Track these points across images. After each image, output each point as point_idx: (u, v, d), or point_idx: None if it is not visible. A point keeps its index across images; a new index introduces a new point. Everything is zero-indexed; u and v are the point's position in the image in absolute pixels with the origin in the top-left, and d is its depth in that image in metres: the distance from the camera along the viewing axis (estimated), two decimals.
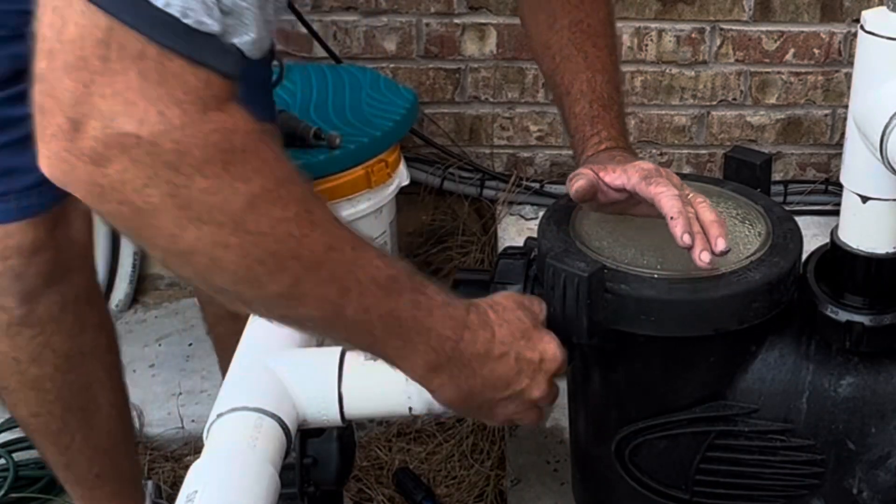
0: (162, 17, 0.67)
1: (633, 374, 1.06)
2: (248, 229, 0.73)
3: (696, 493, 1.08)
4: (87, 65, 0.67)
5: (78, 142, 0.68)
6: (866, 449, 1.04)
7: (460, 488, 1.61)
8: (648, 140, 2.24)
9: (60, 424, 1.30)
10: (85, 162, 0.68)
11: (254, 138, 0.73)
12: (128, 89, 0.67)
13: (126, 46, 0.67)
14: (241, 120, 0.73)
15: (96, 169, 0.68)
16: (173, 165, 0.69)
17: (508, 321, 0.93)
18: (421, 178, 2.16)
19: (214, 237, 0.72)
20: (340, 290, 0.80)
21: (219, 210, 0.72)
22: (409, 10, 2.13)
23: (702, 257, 0.93)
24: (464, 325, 0.89)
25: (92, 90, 0.67)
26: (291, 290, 0.78)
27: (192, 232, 0.72)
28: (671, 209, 0.95)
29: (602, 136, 1.10)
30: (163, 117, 0.68)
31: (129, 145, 0.68)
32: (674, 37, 2.15)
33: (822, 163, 2.28)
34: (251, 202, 0.73)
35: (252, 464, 0.94)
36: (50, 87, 0.68)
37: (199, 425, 1.59)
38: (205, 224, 0.72)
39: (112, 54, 0.67)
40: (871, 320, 1.00)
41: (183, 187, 0.70)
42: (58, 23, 0.67)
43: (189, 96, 0.69)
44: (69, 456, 1.33)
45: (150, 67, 0.67)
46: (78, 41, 0.67)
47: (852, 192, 1.00)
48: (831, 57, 2.17)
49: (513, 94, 2.19)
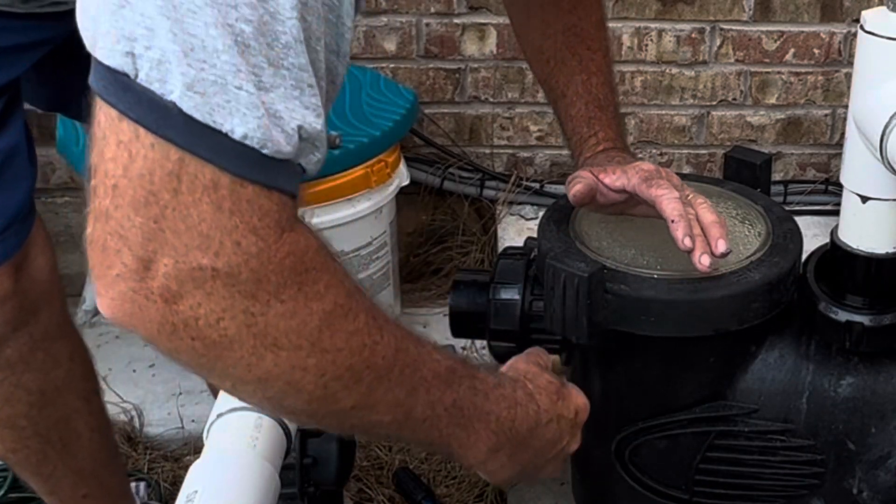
0: (239, 149, 0.64)
1: (633, 375, 1.06)
2: (325, 348, 0.71)
3: (696, 493, 1.08)
4: (158, 199, 0.64)
5: (148, 281, 0.65)
6: (866, 449, 1.04)
7: (460, 488, 1.61)
8: (648, 140, 2.24)
9: (40, 457, 1.28)
10: (155, 301, 0.65)
11: (323, 254, 0.72)
12: (201, 222, 0.64)
13: (198, 177, 0.64)
14: (311, 237, 0.71)
15: (168, 307, 0.65)
16: (251, 294, 0.67)
17: (544, 388, 0.93)
18: (421, 178, 2.16)
19: (293, 361, 0.70)
20: (409, 391, 0.79)
21: (296, 333, 0.69)
22: (409, 10, 2.12)
23: (702, 261, 0.93)
24: (515, 403, 0.89)
25: (163, 226, 0.64)
26: (365, 400, 0.76)
27: (270, 359, 0.69)
28: (672, 212, 0.95)
29: (599, 137, 1.10)
30: (239, 247, 0.65)
31: (204, 279, 0.65)
32: (674, 37, 2.15)
33: (822, 163, 2.28)
34: (326, 320, 0.71)
35: (252, 464, 0.94)
36: (117, 225, 0.64)
37: (199, 425, 1.59)
38: (282, 350, 0.69)
39: (183, 186, 0.64)
40: (871, 320, 1.00)
41: (260, 315, 0.67)
42: (124, 157, 0.64)
43: (264, 222, 0.66)
44: (52, 483, 1.31)
45: (223, 196, 0.65)
46: (147, 175, 0.64)
47: (852, 192, 1.00)
48: (831, 57, 2.17)
49: (513, 94, 2.19)
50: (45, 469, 1.30)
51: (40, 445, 1.27)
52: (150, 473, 1.66)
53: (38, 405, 1.24)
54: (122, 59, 0.63)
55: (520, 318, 1.05)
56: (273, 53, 0.64)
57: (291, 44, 0.65)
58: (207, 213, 0.64)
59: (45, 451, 1.28)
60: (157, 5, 0.62)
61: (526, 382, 0.92)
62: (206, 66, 0.63)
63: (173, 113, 0.63)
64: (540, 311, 1.03)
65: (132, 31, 0.62)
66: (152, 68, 0.63)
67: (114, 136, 0.64)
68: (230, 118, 0.64)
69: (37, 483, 1.33)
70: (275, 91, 0.65)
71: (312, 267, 0.70)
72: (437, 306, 2.06)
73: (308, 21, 0.66)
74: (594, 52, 1.14)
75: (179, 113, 0.63)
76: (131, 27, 0.62)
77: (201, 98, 0.63)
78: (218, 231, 0.65)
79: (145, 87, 0.63)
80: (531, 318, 1.05)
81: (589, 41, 1.15)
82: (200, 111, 0.63)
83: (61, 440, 1.28)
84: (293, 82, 0.66)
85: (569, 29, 1.15)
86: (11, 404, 1.22)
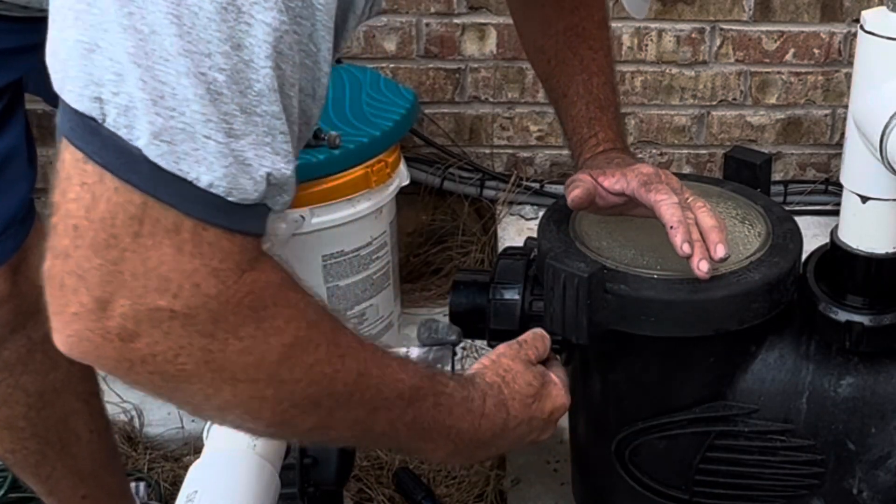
0: (204, 196, 0.65)
1: (633, 375, 1.06)
2: (283, 380, 0.72)
3: (696, 494, 1.08)
4: (118, 242, 0.64)
5: (105, 321, 0.65)
6: (866, 449, 1.04)
7: (460, 488, 1.61)
8: (648, 140, 2.24)
9: (39, 458, 1.28)
10: (112, 340, 0.65)
11: (284, 287, 0.72)
12: (161, 264, 0.65)
13: (160, 221, 0.64)
14: (273, 272, 0.71)
15: (124, 345, 0.66)
16: (208, 333, 0.67)
17: (520, 391, 0.93)
18: (421, 178, 2.16)
19: (250, 392, 0.71)
20: (369, 411, 0.80)
21: (254, 368, 0.70)
22: (409, 10, 2.12)
23: (700, 267, 0.93)
24: (481, 415, 0.90)
25: (122, 268, 0.64)
26: (324, 422, 0.78)
27: (228, 391, 0.70)
28: (670, 218, 0.95)
29: (600, 138, 1.10)
30: (198, 289, 0.66)
31: (161, 319, 0.65)
32: (674, 37, 2.15)
33: (822, 163, 2.28)
34: (285, 354, 0.72)
35: (252, 464, 0.94)
36: (75, 265, 0.64)
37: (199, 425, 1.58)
38: (240, 382, 0.70)
39: (145, 230, 0.64)
40: (870, 320, 1.00)
41: (218, 352, 0.68)
42: (87, 199, 0.64)
43: (225, 264, 0.67)
44: (51, 484, 1.31)
45: (185, 240, 0.65)
46: (109, 219, 0.64)
47: (852, 192, 1.00)
48: (831, 57, 2.17)
49: (513, 94, 2.19)
50: (43, 470, 1.30)
51: (39, 446, 1.27)
52: (150, 473, 1.66)
53: (36, 406, 1.23)
54: (90, 103, 0.63)
55: (520, 319, 1.05)
56: (246, 101, 0.65)
57: (265, 92, 0.65)
58: (168, 256, 0.65)
59: (43, 452, 1.28)
60: (127, 52, 0.62)
61: (501, 387, 0.93)
62: (175, 114, 0.63)
63: (139, 159, 0.63)
64: (540, 311, 1.03)
65: (101, 76, 0.63)
66: (120, 114, 0.63)
67: (78, 178, 0.64)
68: (196, 166, 0.64)
69: (36, 484, 1.32)
70: (246, 138, 0.65)
71: (273, 303, 0.71)
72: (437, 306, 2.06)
73: (283, 69, 0.67)
74: (596, 52, 1.14)
75: (145, 160, 0.63)
76: (100, 72, 0.63)
77: (168, 146, 0.63)
78: (177, 274, 0.65)
79: (112, 132, 0.63)
80: (531, 319, 1.05)
81: (591, 41, 1.14)
82: (166, 159, 0.63)
83: (60, 441, 1.28)
84: (265, 129, 0.66)
85: (570, 28, 1.14)
86: (10, 405, 1.22)
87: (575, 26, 1.14)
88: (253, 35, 0.64)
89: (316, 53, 0.70)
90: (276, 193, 0.69)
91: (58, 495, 1.34)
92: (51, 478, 1.31)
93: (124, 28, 0.62)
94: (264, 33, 0.64)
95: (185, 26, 0.62)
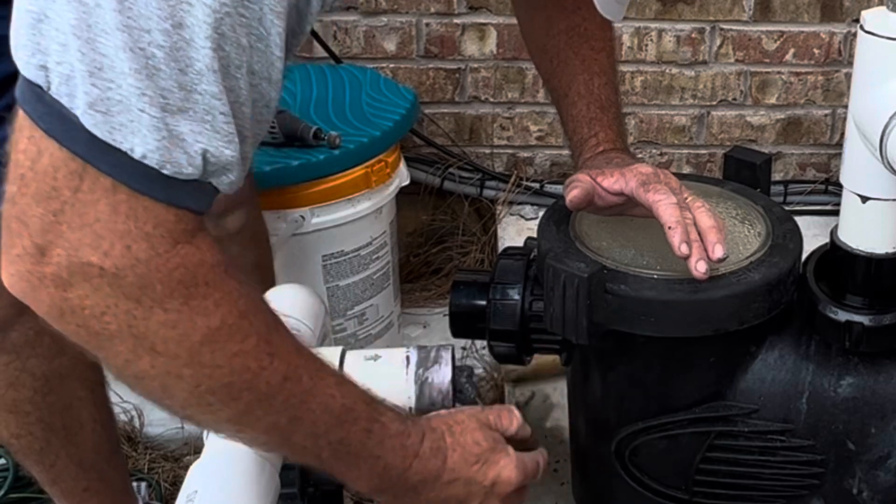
0: (138, 167, 0.67)
1: (633, 375, 1.06)
2: (203, 362, 0.73)
3: (696, 494, 1.08)
4: (59, 194, 0.67)
5: (42, 266, 0.68)
6: (866, 449, 1.04)
7: None
8: (648, 140, 2.24)
9: (43, 444, 1.29)
10: (47, 285, 0.69)
11: (219, 271, 0.73)
12: (96, 221, 0.68)
13: (100, 180, 0.67)
14: (209, 252, 0.73)
15: (57, 292, 0.69)
16: (134, 297, 0.69)
17: (463, 445, 0.91)
18: (421, 178, 2.16)
19: (168, 367, 0.73)
20: (291, 419, 0.80)
21: (175, 343, 0.72)
22: (409, 10, 2.13)
23: (698, 267, 0.93)
24: (414, 455, 0.88)
25: (60, 220, 0.67)
26: (241, 418, 0.78)
27: (147, 360, 0.72)
28: (669, 218, 0.95)
29: (600, 138, 1.10)
30: (129, 251, 0.68)
31: (91, 274, 0.68)
32: (674, 37, 2.15)
33: (822, 163, 2.28)
34: (209, 336, 0.73)
35: (252, 464, 0.94)
36: (20, 211, 0.68)
37: None
38: (160, 355, 0.72)
39: (84, 186, 0.67)
40: (870, 320, 1.00)
41: (142, 319, 0.70)
42: (33, 151, 0.68)
43: (159, 230, 0.69)
44: (54, 473, 1.32)
45: (121, 200, 0.68)
46: (51, 172, 0.67)
47: (852, 192, 1.00)
48: (831, 57, 2.17)
49: (513, 94, 2.19)
50: (48, 457, 1.31)
51: (44, 433, 1.28)
52: (150, 473, 1.66)
53: (42, 391, 1.25)
54: (36, 71, 0.67)
55: (520, 319, 1.05)
56: (186, 79, 0.67)
57: (204, 71, 0.67)
58: (104, 214, 0.68)
59: (48, 439, 1.29)
60: (71, 23, 0.65)
61: (446, 436, 0.91)
62: (112, 85, 0.65)
63: (78, 127, 0.66)
64: (540, 311, 1.03)
65: (47, 45, 0.66)
66: (62, 83, 0.66)
67: (27, 130, 0.68)
68: (131, 137, 0.67)
69: (40, 472, 1.33)
70: (182, 114, 0.67)
71: (204, 282, 0.72)
72: (437, 306, 2.06)
73: (226, 51, 0.68)
74: (598, 53, 1.14)
75: (83, 128, 0.66)
76: (47, 42, 0.66)
77: (102, 116, 0.66)
78: (110, 232, 0.68)
79: (55, 99, 0.66)
80: (531, 319, 1.05)
81: (593, 41, 1.14)
82: (101, 129, 0.66)
83: (65, 428, 1.29)
84: (205, 107, 0.68)
85: (573, 28, 1.14)
86: (16, 388, 1.23)
87: (577, 26, 1.14)
88: (194, 15, 0.66)
89: (266, 37, 0.71)
90: (219, 173, 0.71)
91: (61, 485, 1.34)
92: (55, 466, 1.32)
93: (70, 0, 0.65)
94: (204, 14, 0.66)
95: (127, 2, 0.64)
